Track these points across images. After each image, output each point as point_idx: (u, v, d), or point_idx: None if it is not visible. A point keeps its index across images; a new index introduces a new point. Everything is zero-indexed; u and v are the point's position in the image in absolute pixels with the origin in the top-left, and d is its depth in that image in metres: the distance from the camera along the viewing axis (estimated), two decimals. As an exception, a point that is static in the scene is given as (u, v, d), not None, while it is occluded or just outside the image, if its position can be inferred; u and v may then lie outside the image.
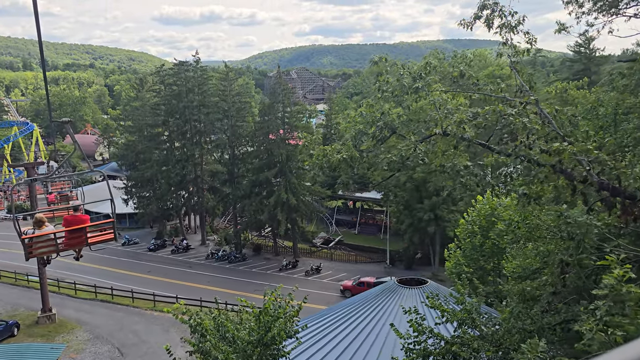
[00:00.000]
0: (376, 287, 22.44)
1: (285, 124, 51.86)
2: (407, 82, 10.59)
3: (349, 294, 40.03)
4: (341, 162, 10.23)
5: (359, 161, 10.24)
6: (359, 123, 11.29)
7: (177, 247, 56.33)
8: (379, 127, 10.79)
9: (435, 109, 10.26)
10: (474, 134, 9.02)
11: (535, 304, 10.04)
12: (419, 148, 9.48)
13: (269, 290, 13.45)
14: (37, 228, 11.49)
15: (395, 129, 10.84)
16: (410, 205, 47.21)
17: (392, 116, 10.81)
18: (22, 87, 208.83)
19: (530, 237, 11.94)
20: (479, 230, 25.67)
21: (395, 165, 9.69)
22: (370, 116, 11.22)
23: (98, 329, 34.01)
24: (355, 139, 10.60)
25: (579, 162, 8.69)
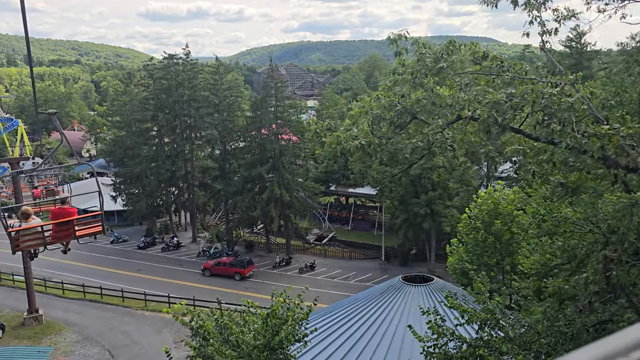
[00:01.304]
0: (381, 285, 21.63)
1: (277, 119, 50.82)
2: (430, 62, 9.68)
3: (209, 272, 46.06)
4: (358, 149, 9.30)
5: (378, 148, 9.31)
6: (375, 107, 10.33)
7: (167, 245, 55.10)
8: (398, 112, 9.87)
9: (462, 91, 9.36)
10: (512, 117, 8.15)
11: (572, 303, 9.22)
12: (446, 132, 8.59)
13: (277, 291, 12.55)
14: (23, 221, 11.04)
15: (415, 113, 9.94)
16: (406, 201, 46.47)
17: (411, 100, 9.88)
18: (6, 83, 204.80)
19: (556, 231, 11.12)
20: (482, 226, 24.95)
21: (420, 151, 8.78)
22: (387, 100, 10.26)
23: (87, 330, 32.81)
24: (373, 125, 9.66)
25: (621, 149, 7.87)
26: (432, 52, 9.96)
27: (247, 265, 46.12)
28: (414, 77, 10.02)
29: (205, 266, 46.95)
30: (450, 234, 46.17)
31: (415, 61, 10.47)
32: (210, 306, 35.07)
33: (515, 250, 24.81)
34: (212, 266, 46.29)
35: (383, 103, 10.31)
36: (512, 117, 8.08)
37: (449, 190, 46.11)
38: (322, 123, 10.70)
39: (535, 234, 12.21)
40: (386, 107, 10.14)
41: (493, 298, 11.29)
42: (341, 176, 65.10)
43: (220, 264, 46.19)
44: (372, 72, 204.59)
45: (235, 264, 45.94)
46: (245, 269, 45.50)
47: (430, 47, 10.12)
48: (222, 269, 45.86)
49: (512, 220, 24.52)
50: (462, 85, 9.51)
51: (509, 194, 25.08)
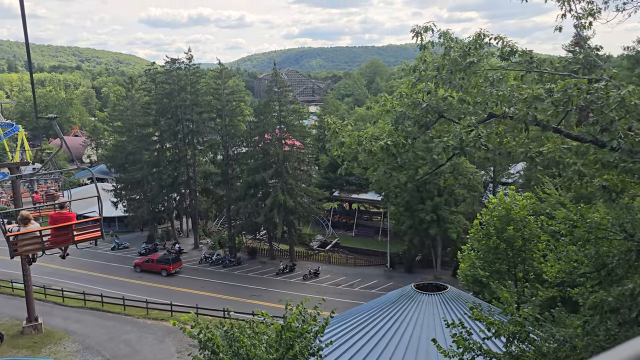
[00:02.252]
0: (392, 293, 20.88)
1: (281, 123, 50.21)
2: (459, 56, 9.01)
3: (139, 269, 47.91)
4: (382, 150, 8.62)
5: (405, 149, 8.63)
6: (398, 106, 9.65)
7: (169, 251, 54.28)
8: (424, 110, 9.20)
9: (493, 87, 8.70)
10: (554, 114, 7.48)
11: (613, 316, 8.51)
12: (480, 130, 7.92)
13: (290, 300, 11.85)
14: (22, 225, 10.92)
15: (442, 112, 9.27)
16: (412, 207, 45.75)
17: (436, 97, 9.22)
18: (7, 89, 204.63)
19: (588, 238, 10.43)
20: (494, 232, 24.24)
21: (451, 151, 8.11)
22: (411, 98, 9.59)
23: (87, 339, 31.99)
24: (397, 124, 8.98)
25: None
26: (461, 46, 9.30)
27: (174, 262, 47.87)
28: (440, 72, 9.36)
29: (136, 263, 48.97)
30: (456, 241, 45.51)
31: (440, 56, 9.80)
32: (213, 314, 34.47)
33: (528, 257, 24.14)
34: (142, 263, 48.20)
35: (407, 101, 9.62)
36: (555, 113, 7.42)
37: (455, 195, 45.39)
38: (341, 122, 10.00)
39: (567, 241, 11.52)
40: (410, 105, 9.46)
41: (521, 309, 10.61)
42: (344, 182, 64.43)
43: (149, 261, 48.17)
44: (374, 78, 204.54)
45: (162, 260, 47.83)
46: (171, 266, 47.29)
47: (458, 41, 9.48)
48: (150, 265, 47.72)
49: (524, 226, 23.85)
50: (493, 81, 8.85)
51: (520, 199, 24.37)
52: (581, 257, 12.32)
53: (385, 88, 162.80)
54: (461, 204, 46.14)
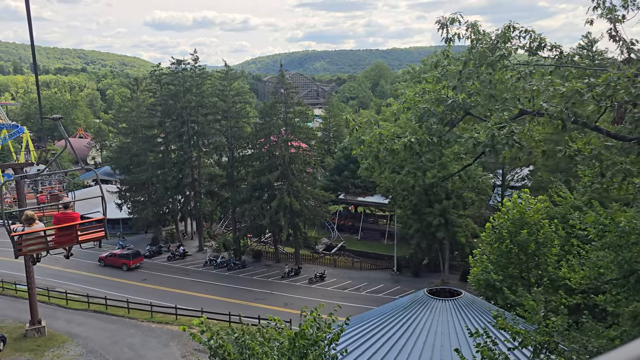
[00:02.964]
0: (404, 298, 20.29)
1: (287, 125, 49.74)
2: (488, 49, 8.48)
3: (103, 263, 50.26)
4: (406, 148, 8.08)
5: (430, 147, 8.10)
6: (421, 102, 9.11)
7: (173, 254, 53.91)
8: (449, 107, 8.67)
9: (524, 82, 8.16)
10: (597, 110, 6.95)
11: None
12: (514, 126, 7.39)
13: (306, 307, 11.32)
14: (27, 225, 10.93)
15: (469, 108, 8.72)
16: (419, 210, 45.15)
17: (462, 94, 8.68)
18: (12, 90, 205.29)
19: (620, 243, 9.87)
20: (507, 235, 23.65)
21: (481, 148, 7.58)
22: (435, 94, 9.06)
23: (91, 342, 31.51)
24: (422, 121, 8.45)
25: None
26: (489, 39, 8.77)
27: (134, 257, 49.99)
28: (466, 67, 8.82)
29: (101, 257, 51.09)
30: (464, 245, 44.88)
31: (466, 49, 9.27)
32: (218, 318, 33.94)
33: (542, 261, 23.56)
34: (106, 257, 50.65)
35: (429, 97, 9.09)
36: (597, 109, 6.88)
37: (463, 199, 44.75)
38: (360, 119, 9.45)
39: (598, 246, 10.96)
40: (435, 101, 8.92)
41: (548, 317, 10.05)
42: (350, 184, 63.91)
43: (112, 256, 50.48)
44: (378, 80, 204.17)
45: (122, 256, 49.96)
46: (131, 261, 49.53)
47: (485, 34, 8.95)
48: (113, 259, 50.08)
49: (538, 230, 23.26)
50: (525, 75, 8.31)
51: (534, 202, 23.78)
52: (607, 262, 11.76)
53: (390, 91, 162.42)
54: (469, 207, 45.52)
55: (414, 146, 8.08)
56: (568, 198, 23.99)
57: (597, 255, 11.37)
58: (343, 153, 65.95)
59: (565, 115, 7.15)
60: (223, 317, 33.23)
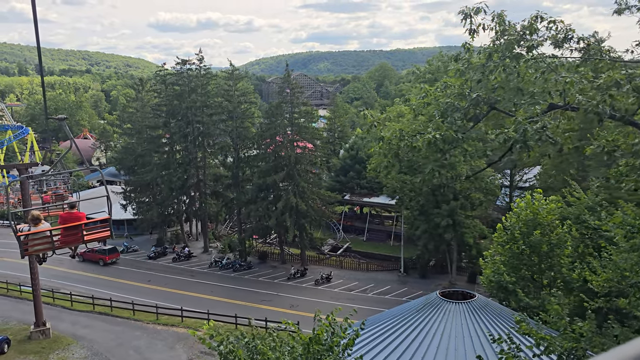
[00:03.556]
0: (416, 301, 19.82)
1: (293, 125, 49.35)
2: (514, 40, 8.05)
3: (81, 258, 51.42)
4: (430, 145, 7.65)
5: (454, 144, 7.67)
6: (442, 97, 8.68)
7: (178, 255, 53.58)
8: (473, 102, 8.23)
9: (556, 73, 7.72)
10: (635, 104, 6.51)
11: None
12: (547, 121, 6.96)
13: (319, 311, 10.91)
14: (33, 225, 10.95)
15: (494, 103, 8.28)
16: (426, 211, 44.65)
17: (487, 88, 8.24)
18: (17, 92, 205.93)
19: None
20: (520, 236, 23.16)
21: (512, 144, 7.15)
22: (458, 87, 8.62)
23: (96, 344, 31.17)
24: (445, 116, 8.02)
25: None
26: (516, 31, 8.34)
27: (109, 253, 51.85)
28: (491, 59, 8.38)
29: (79, 253, 50.68)
30: (472, 246, 44.34)
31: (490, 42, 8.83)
32: (225, 320, 33.56)
33: (555, 263, 23.07)
34: (84, 253, 51.62)
35: (451, 92, 8.66)
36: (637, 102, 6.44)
37: (471, 199, 44.21)
38: (379, 115, 9.02)
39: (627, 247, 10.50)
40: (458, 96, 8.48)
41: (575, 322, 9.60)
42: (355, 185, 63.48)
43: (90, 251, 51.67)
44: (383, 81, 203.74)
45: (100, 251, 51.74)
46: (107, 256, 51.57)
47: (512, 25, 8.51)
48: (91, 255, 51.71)
49: (552, 231, 22.77)
50: (554, 67, 7.87)
51: (548, 202, 23.28)
52: (631, 265, 11.29)
53: (395, 92, 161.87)
54: (477, 208, 45.00)
55: (438, 143, 7.65)
56: (582, 198, 23.44)
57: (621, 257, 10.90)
58: (349, 153, 65.55)
59: (601, 108, 6.72)
60: (229, 320, 32.83)
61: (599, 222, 15.95)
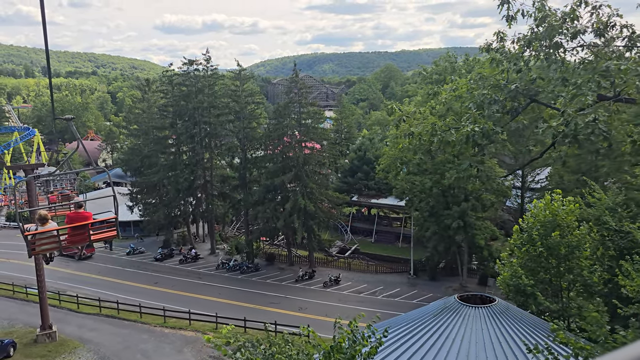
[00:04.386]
0: (433, 304, 19.20)
1: (301, 126, 48.79)
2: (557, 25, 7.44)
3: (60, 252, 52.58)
4: (468, 140, 7.04)
5: (494, 138, 7.05)
6: (476, 89, 8.05)
7: (185, 257, 53.11)
8: (512, 93, 7.61)
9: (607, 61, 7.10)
10: None
11: None
12: (601, 113, 6.34)
13: (340, 318, 10.32)
14: (40, 224, 10.89)
15: (534, 95, 7.65)
16: (437, 212, 43.94)
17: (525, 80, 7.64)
18: (24, 94, 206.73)
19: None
20: (538, 238, 22.45)
21: (561, 138, 6.54)
22: (494, 79, 8.00)
23: (103, 348, 30.68)
24: (482, 109, 7.41)
25: None
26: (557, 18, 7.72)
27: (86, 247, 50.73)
28: (531, 47, 7.76)
29: None
30: (483, 248, 43.57)
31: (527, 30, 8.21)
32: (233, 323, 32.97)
33: (574, 265, 22.35)
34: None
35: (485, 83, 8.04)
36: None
37: (482, 200, 43.44)
38: (407, 109, 8.41)
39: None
40: (493, 87, 7.86)
41: (617, 331, 8.96)
42: (363, 186, 62.85)
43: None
44: (388, 82, 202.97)
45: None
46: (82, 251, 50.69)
47: (552, 11, 7.87)
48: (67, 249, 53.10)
49: (571, 233, 22.04)
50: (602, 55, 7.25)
51: (567, 203, 22.55)
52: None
53: (401, 93, 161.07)
54: (489, 209, 44.24)
55: (476, 137, 7.04)
56: (603, 199, 22.72)
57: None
58: (356, 154, 64.95)
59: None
60: (239, 323, 32.25)
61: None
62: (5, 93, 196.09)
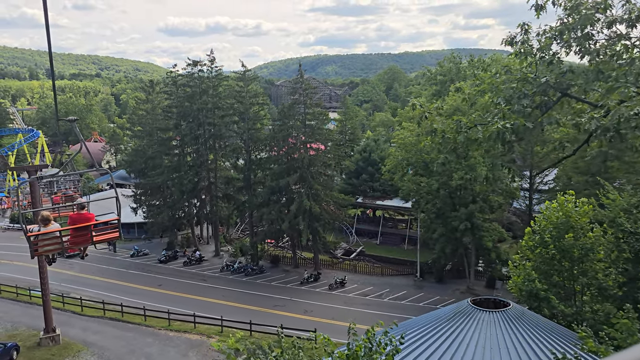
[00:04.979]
0: (446, 309, 18.70)
1: (306, 127, 48.37)
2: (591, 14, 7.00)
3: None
4: (498, 136, 6.60)
5: (526, 134, 6.61)
6: (501, 83, 7.61)
7: (189, 259, 52.74)
8: (542, 87, 7.17)
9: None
10: None
11: None
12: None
13: (354, 324, 9.88)
14: (42, 225, 10.93)
15: (566, 89, 7.20)
16: (444, 214, 43.44)
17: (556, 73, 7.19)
18: (28, 96, 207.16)
19: None
20: (550, 240, 21.95)
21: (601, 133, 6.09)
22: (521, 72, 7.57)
23: (107, 351, 30.29)
24: (512, 103, 6.96)
25: None
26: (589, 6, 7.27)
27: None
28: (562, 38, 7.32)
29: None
30: (490, 250, 43.02)
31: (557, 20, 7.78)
32: (239, 327, 32.57)
33: (588, 268, 21.86)
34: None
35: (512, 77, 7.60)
36: None
37: (490, 202, 42.90)
38: (429, 105, 7.95)
39: None
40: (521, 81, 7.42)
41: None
42: (368, 188, 62.38)
43: None
44: (392, 84, 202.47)
45: None
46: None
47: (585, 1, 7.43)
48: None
49: (584, 235, 21.55)
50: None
51: (581, 205, 22.04)
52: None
53: (405, 94, 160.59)
54: (497, 211, 43.69)
55: (506, 134, 6.60)
56: (617, 200, 22.20)
57: None
58: (361, 155, 64.50)
59: None
60: (244, 326, 31.84)
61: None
62: (10, 95, 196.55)
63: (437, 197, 43.46)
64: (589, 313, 21.50)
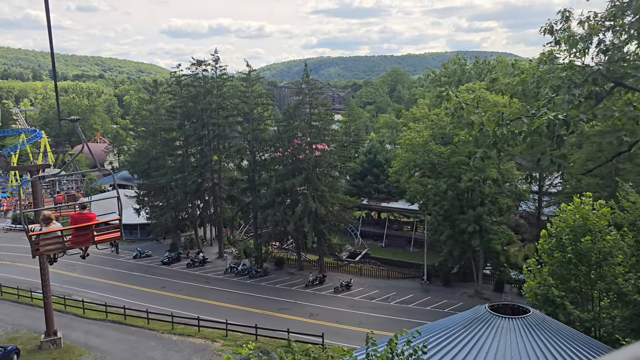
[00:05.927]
0: (462, 315, 17.99)
1: (312, 127, 47.72)
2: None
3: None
4: (548, 129, 5.92)
5: (578, 127, 5.92)
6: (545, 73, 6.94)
7: (192, 261, 52.09)
8: (593, 76, 6.48)
9: None
10: None
11: None
12: None
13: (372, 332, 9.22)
14: (44, 225, 10.87)
15: (620, 78, 6.51)
16: (451, 216, 42.71)
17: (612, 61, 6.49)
18: (31, 96, 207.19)
19: None
20: (568, 243, 21.22)
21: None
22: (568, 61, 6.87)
23: (109, 355, 29.64)
24: (561, 93, 6.28)
25: None
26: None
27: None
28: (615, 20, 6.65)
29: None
30: (499, 253, 42.27)
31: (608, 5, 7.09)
32: (243, 331, 31.90)
33: (607, 272, 21.11)
34: None
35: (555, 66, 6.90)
36: None
37: (498, 204, 42.14)
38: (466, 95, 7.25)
39: None
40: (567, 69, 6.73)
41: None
42: (373, 189, 61.68)
43: None
44: (395, 85, 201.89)
45: None
46: None
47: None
48: None
49: (603, 238, 20.82)
50: None
51: (599, 207, 21.31)
52: None
53: (408, 96, 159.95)
54: (505, 213, 42.94)
55: (556, 127, 5.92)
56: (638, 203, 21.47)
57: None
58: (366, 157, 63.81)
59: None
60: (249, 330, 31.16)
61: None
62: (13, 96, 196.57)
63: (444, 198, 42.76)
64: (607, 319, 20.81)
